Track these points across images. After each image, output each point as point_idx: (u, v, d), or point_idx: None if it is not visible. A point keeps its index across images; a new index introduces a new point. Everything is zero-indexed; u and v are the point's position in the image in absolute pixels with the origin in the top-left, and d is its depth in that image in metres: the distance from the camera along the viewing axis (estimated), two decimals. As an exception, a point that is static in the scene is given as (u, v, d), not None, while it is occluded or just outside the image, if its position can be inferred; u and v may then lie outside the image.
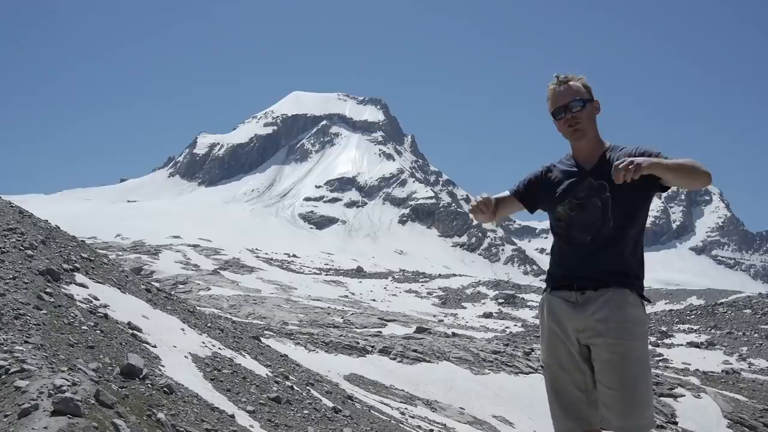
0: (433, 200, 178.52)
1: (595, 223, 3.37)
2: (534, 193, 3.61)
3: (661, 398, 18.05)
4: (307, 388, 11.36)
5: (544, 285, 3.63)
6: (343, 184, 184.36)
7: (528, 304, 54.04)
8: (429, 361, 18.61)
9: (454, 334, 26.84)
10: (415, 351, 19.08)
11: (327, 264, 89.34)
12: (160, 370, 8.06)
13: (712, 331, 31.13)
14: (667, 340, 29.58)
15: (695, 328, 32.08)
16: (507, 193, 3.68)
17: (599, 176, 3.38)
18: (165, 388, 7.29)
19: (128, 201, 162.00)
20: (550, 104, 3.48)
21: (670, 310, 39.88)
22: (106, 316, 8.98)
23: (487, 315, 49.10)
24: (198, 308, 14.89)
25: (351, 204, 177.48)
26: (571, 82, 3.45)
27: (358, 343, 19.01)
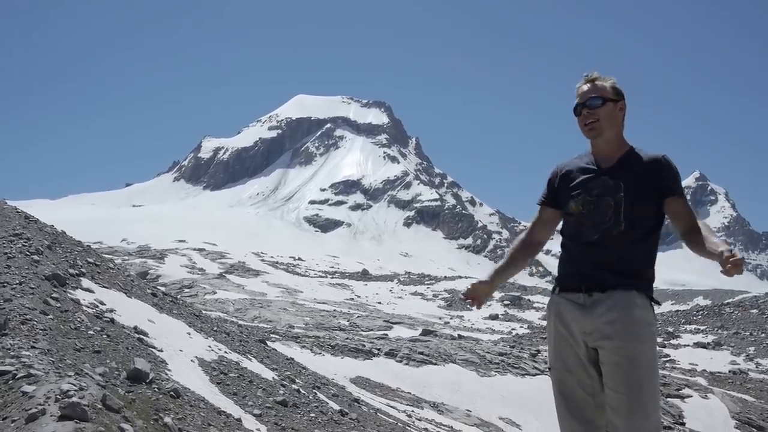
0: (438, 202, 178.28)
1: (606, 223, 3.34)
2: (557, 193, 3.58)
3: (668, 399, 18.00)
4: (314, 391, 11.36)
5: (550, 287, 3.64)
6: (347, 186, 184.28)
7: (534, 305, 53.91)
8: (435, 364, 18.58)
9: (460, 336, 26.83)
10: (421, 353, 19.06)
11: (332, 267, 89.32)
12: (166, 374, 8.07)
13: (719, 331, 31.01)
14: (673, 341, 29.48)
15: (702, 328, 31.96)
16: (535, 218, 3.70)
17: (616, 176, 3.36)
18: (171, 392, 7.29)
19: (133, 205, 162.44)
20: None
21: (677, 311, 39.74)
22: (112, 320, 9.00)
23: (493, 317, 49.02)
24: (204, 312, 14.90)
25: (356, 207, 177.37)
26: (596, 81, 3.44)
27: (364, 345, 18.99)
